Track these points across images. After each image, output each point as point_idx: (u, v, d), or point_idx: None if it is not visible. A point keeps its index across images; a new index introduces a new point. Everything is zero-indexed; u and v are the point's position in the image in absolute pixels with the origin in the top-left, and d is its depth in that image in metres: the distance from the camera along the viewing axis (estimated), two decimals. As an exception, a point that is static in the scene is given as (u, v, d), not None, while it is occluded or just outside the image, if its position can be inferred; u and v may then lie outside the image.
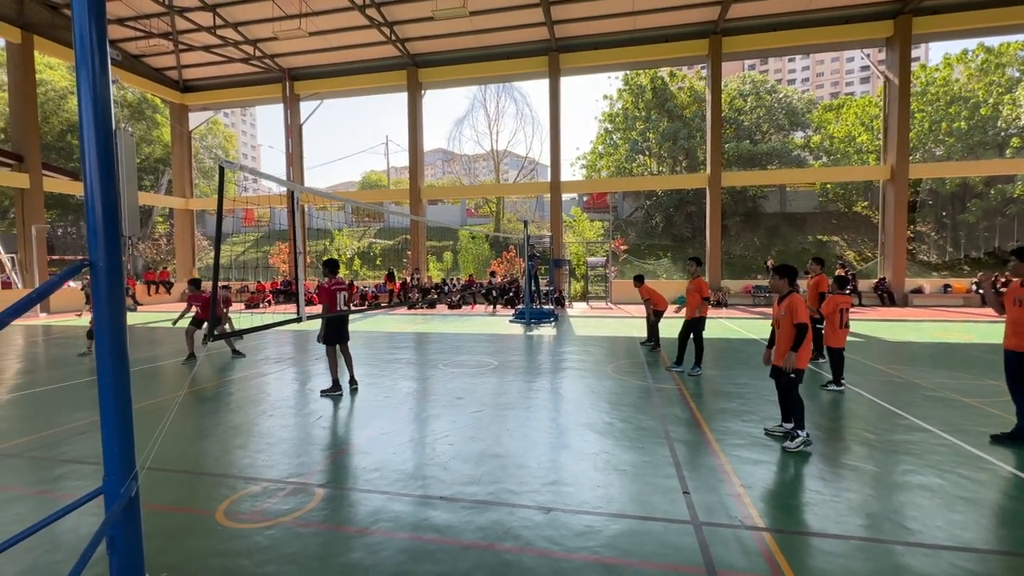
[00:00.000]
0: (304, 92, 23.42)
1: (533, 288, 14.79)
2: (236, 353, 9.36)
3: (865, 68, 75.03)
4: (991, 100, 28.91)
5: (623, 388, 6.66)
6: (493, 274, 21.48)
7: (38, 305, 17.82)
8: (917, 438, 4.68)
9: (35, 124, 18.77)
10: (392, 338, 11.73)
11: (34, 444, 4.74)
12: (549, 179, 21.99)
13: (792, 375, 4.41)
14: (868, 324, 13.39)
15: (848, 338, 10.08)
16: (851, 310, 6.74)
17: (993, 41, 29.32)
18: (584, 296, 22.13)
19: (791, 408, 4.52)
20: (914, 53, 19.90)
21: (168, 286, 23.98)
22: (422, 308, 19.26)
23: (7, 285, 19.02)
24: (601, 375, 7.45)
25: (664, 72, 33.15)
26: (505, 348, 10.05)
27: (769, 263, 23.31)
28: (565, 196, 23.42)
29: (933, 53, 70.68)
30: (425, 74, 22.09)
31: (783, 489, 3.68)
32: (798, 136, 36.44)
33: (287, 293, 21.94)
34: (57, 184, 20.51)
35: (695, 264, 8.05)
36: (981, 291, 16.29)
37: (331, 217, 38.56)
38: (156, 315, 17.36)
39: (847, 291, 6.93)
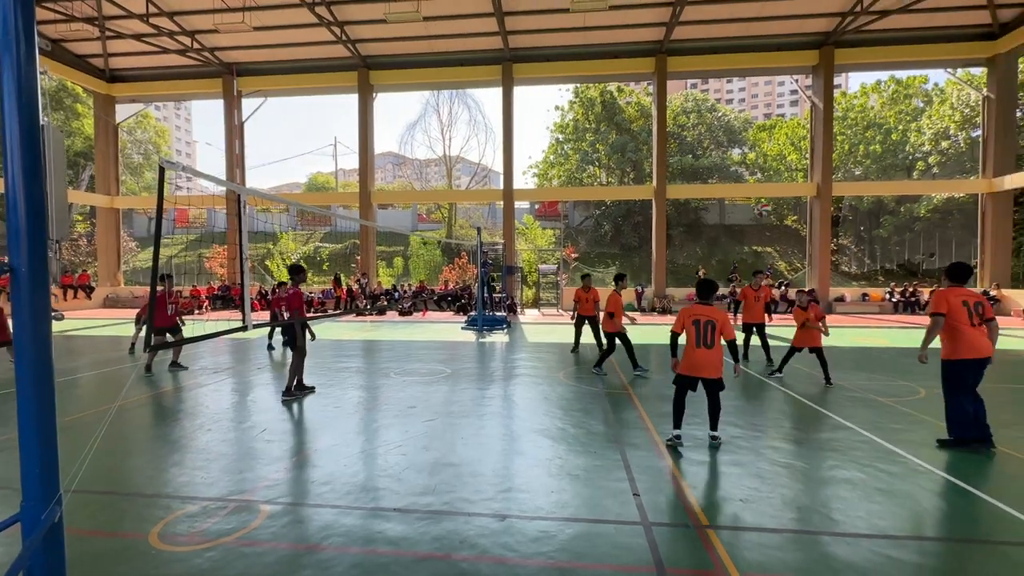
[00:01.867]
0: (247, 88, 22.40)
1: (486, 295, 14.82)
2: (176, 365, 8.68)
3: (794, 92, 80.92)
4: (900, 127, 32.02)
5: (574, 394, 6.81)
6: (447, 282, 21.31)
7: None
8: (840, 436, 5.08)
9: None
10: (340, 346, 11.39)
11: (-71, 468, 4.23)
12: (502, 186, 22.17)
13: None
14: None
15: (778, 343, 10.77)
16: (786, 316, 7.32)
17: (902, 74, 32.55)
18: (536, 303, 22.40)
19: (719, 413, 4.77)
20: (836, 81, 21.74)
21: (89, 291, 22.07)
22: (371, 315, 18.81)
23: None
24: (553, 381, 7.57)
25: (613, 87, 34.33)
26: (458, 355, 10.00)
27: (700, 273, 24.57)
28: (517, 204, 23.69)
29: (852, 82, 77.45)
30: (377, 76, 21.73)
31: (724, 488, 3.89)
32: (735, 152, 38.76)
33: (225, 299, 20.78)
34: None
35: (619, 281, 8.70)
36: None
37: (275, 219, 36.94)
38: (76, 322, 15.94)
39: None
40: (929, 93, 33.31)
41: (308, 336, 6.73)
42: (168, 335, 8.41)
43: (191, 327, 9.44)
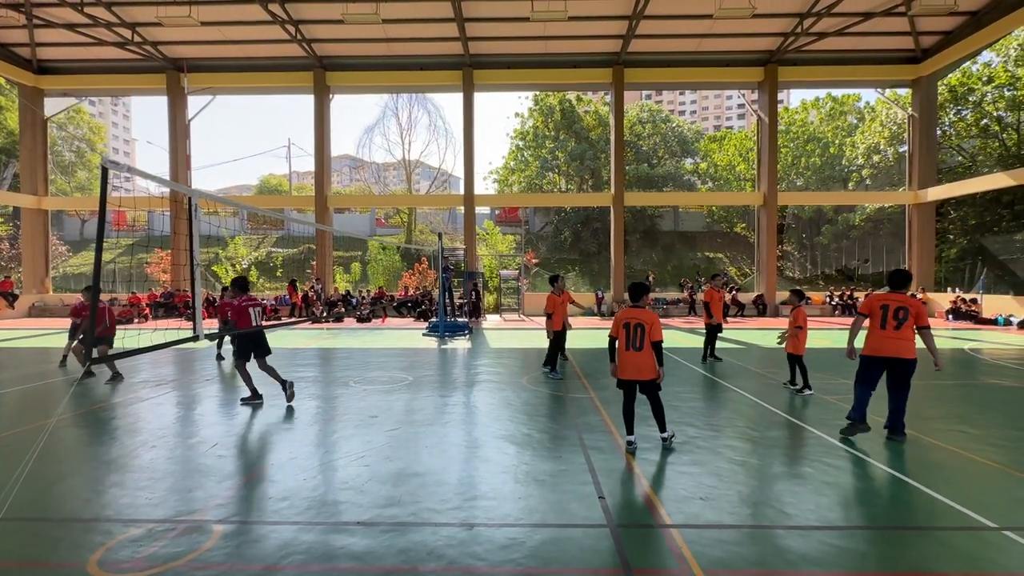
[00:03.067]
0: (194, 85, 21.34)
1: (447, 301, 14.69)
2: (116, 376, 8.11)
3: (742, 106, 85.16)
4: (837, 141, 34.27)
5: (538, 399, 6.84)
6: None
7: None
8: (792, 433, 5.35)
9: None
10: (296, 355, 10.99)
11: None
12: (462, 192, 22.11)
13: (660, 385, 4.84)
14: (748, 333, 15.04)
15: (731, 346, 11.25)
16: (736, 319, 7.59)
17: (839, 92, 34.84)
18: (497, 308, 22.41)
19: (663, 413, 4.90)
20: (780, 96, 23.07)
21: (11, 298, 20.31)
22: (328, 322, 18.26)
23: None
24: (516, 387, 7.59)
25: (572, 95, 35.00)
26: (419, 362, 9.86)
27: (650, 279, 25.41)
28: (478, 209, 23.68)
29: (794, 98, 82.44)
30: (333, 77, 21.25)
31: (685, 487, 4.00)
32: (688, 162, 40.31)
33: (168, 306, 19.64)
34: None
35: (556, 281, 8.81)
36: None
37: (224, 223, 35.28)
38: (-5, 333, 14.62)
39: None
40: (862, 111, 35.85)
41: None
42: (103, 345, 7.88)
43: (135, 336, 8.89)
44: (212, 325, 13.82)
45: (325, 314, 18.88)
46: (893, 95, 27.73)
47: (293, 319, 18.64)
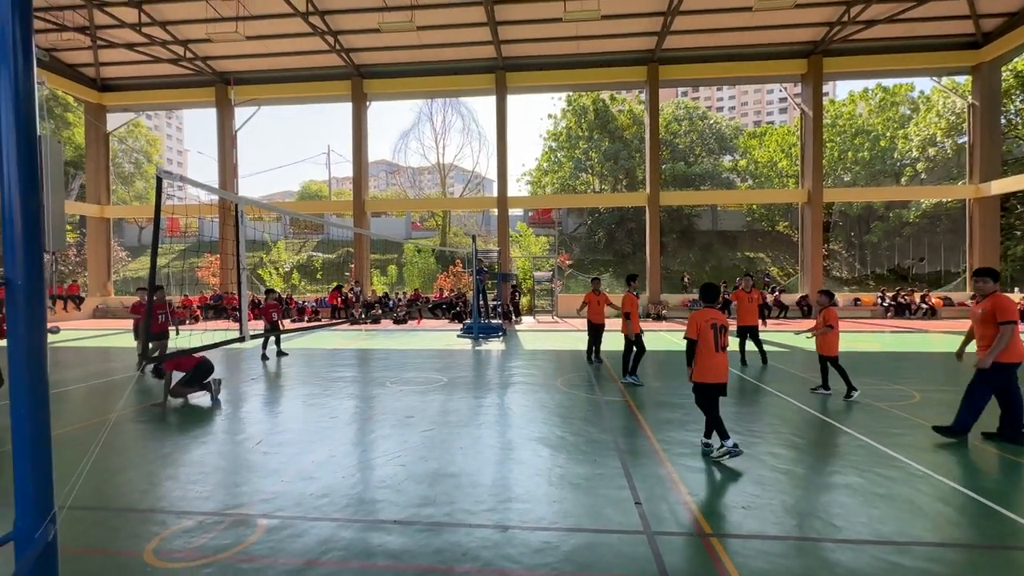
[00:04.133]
0: (240, 97, 22.34)
1: (481, 302, 14.80)
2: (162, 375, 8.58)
3: (783, 100, 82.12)
4: (888, 134, 32.51)
5: (573, 401, 6.79)
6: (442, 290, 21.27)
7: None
8: (840, 442, 5.10)
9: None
10: (335, 355, 11.31)
11: (-86, 485, 4.13)
12: (495, 194, 22.23)
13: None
14: (791, 336, 14.44)
15: (774, 349, 10.84)
16: (779, 321, 7.27)
17: (889, 82, 33.10)
18: (531, 310, 22.39)
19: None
20: (824, 89, 22.08)
21: (78, 301, 21.80)
22: (366, 323, 18.71)
23: None
24: (551, 389, 7.55)
25: (606, 95, 34.63)
26: (454, 364, 9.96)
27: (686, 280, 24.72)
28: (511, 211, 23.74)
29: (840, 90, 78.79)
30: (371, 85, 21.79)
31: (725, 495, 3.88)
32: (727, 159, 39.15)
33: (217, 308, 20.59)
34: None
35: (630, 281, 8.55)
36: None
37: (267, 228, 36.75)
38: (66, 333, 15.71)
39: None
40: (916, 101, 33.88)
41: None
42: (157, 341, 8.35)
43: (186, 338, 9.36)
44: (257, 326, 14.40)
45: (363, 316, 19.36)
46: (951, 83, 26.09)
47: (333, 320, 19.19)
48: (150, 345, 8.38)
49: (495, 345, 12.62)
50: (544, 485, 4.06)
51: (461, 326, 16.25)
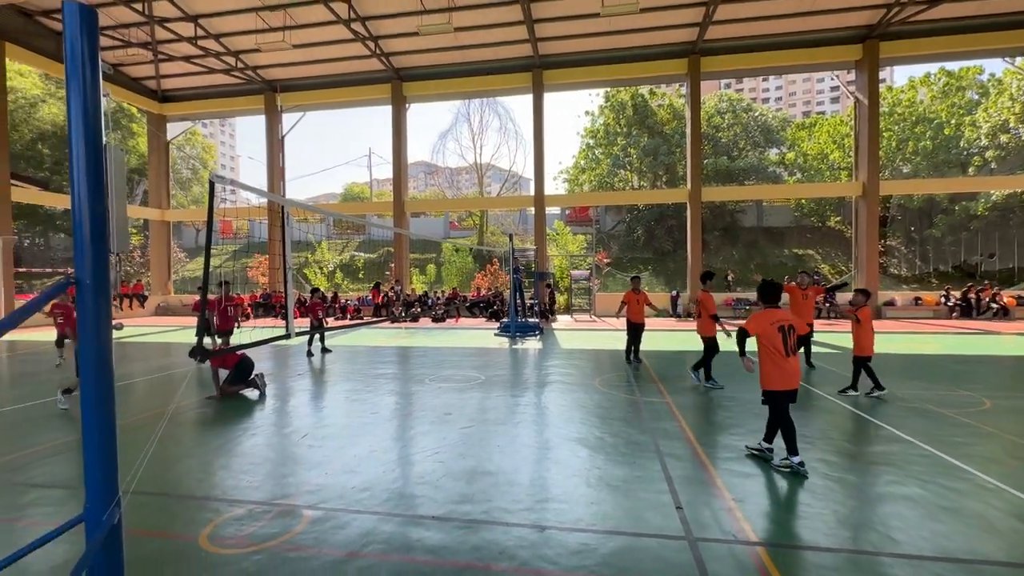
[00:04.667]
0: (287, 104, 23.25)
1: (518, 301, 14.81)
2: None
3: (835, 88, 78.09)
4: (953, 121, 30.30)
5: (611, 402, 6.68)
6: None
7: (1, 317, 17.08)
8: (897, 449, 4.79)
9: (4, 132, 18.22)
10: (376, 352, 11.59)
11: (1, 467, 4.52)
12: (532, 192, 22.19)
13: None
14: (845, 336, 13.72)
15: (824, 350, 10.34)
16: (829, 322, 6.94)
17: (954, 65, 30.84)
18: (568, 309, 22.24)
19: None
20: (881, 75, 20.82)
21: (142, 300, 23.30)
22: (406, 321, 19.10)
23: (-30, 299, 18.20)
24: (589, 389, 7.46)
25: (645, 90, 33.93)
26: (491, 362, 10.01)
27: (729, 278, 23.82)
28: (548, 210, 23.64)
29: (898, 75, 74.04)
30: (409, 88, 22.19)
31: (773, 502, 3.72)
32: (773, 153, 37.57)
33: (266, 306, 21.52)
34: (26, 194, 19.88)
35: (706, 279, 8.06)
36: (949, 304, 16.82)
37: (312, 229, 38.12)
38: (130, 330, 16.82)
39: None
40: (985, 84, 31.42)
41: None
42: (226, 337, 8.75)
43: (236, 335, 9.82)
44: (303, 324, 14.94)
45: (403, 314, 19.77)
46: (1026, 64, 24.01)
47: (374, 319, 19.70)
48: (219, 340, 8.81)
49: (532, 344, 12.61)
50: (582, 486, 4.01)
51: (498, 325, 16.33)
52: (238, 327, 9.26)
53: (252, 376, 7.27)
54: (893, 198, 30.42)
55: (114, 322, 2.41)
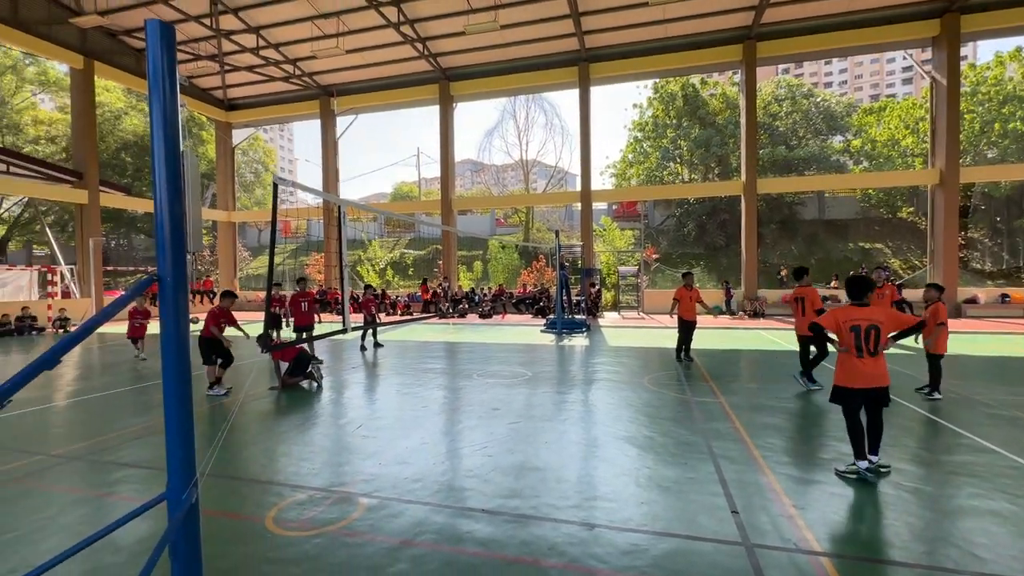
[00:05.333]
0: (341, 108, 24.17)
1: (564, 298, 14.73)
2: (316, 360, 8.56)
3: (908, 69, 72.36)
4: (1049, 99, 27.33)
5: (661, 401, 6.53)
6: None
7: (93, 312, 18.82)
8: (982, 459, 4.40)
9: (94, 144, 20.00)
10: (425, 348, 11.87)
11: (93, 448, 4.99)
12: (578, 188, 21.98)
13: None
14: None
15: (895, 351, 9.66)
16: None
17: (1050, 37, 27.73)
18: (615, 306, 21.89)
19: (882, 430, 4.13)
20: (962, 51, 19.08)
21: (211, 296, 24.97)
22: (453, 317, 19.44)
23: (67, 294, 20.19)
24: (637, 387, 7.32)
25: (695, 79, 32.76)
26: (538, 358, 10.02)
27: (783, 274, 22.57)
28: (595, 205, 23.35)
29: (982, 51, 67.46)
30: (456, 87, 22.49)
31: (838, 511, 3.51)
32: (837, 140, 35.28)
33: (322, 303, 22.49)
34: (112, 199, 21.73)
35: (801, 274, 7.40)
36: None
37: (364, 228, 39.47)
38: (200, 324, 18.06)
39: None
40: (1088, 56, 28.12)
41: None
42: (305, 333, 9.11)
43: (317, 330, 10.23)
44: (356, 319, 15.52)
45: (450, 310, 20.13)
46: None
47: (424, 315, 20.18)
48: (302, 335, 9.18)
49: (579, 341, 12.51)
50: (631, 485, 3.95)
51: (544, 321, 16.30)
52: (319, 321, 9.67)
53: (309, 368, 7.62)
54: (976, 186, 27.85)
55: (191, 316, 2.59)
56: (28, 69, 32.45)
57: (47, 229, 24.71)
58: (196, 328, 6.53)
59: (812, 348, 7.08)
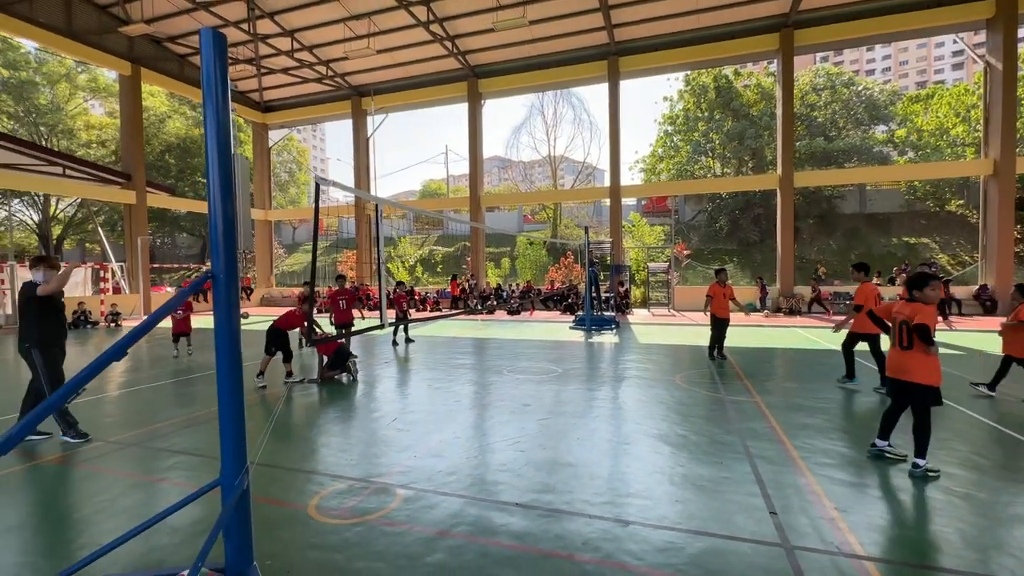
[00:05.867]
0: (371, 107, 24.59)
1: (594, 294, 14.64)
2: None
3: (958, 53, 68.56)
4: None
5: (694, 399, 6.44)
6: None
7: (142, 307, 19.79)
8: (1040, 465, 4.18)
9: (141, 147, 20.97)
10: (455, 343, 12.01)
11: (146, 436, 5.27)
12: (606, 184, 21.76)
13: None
14: (969, 336, 12.13)
15: (946, 352, 9.23)
16: (952, 319, 6.21)
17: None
18: (645, 303, 21.62)
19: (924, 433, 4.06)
20: (1020, 33, 17.95)
21: (249, 292, 25.88)
22: (481, 313, 19.58)
23: (117, 290, 21.29)
24: (669, 385, 7.24)
25: (728, 70, 31.90)
26: (567, 355, 10.01)
27: (820, 272, 21.78)
28: (624, 200, 23.05)
29: (1042, 32, 63.14)
30: (485, 84, 22.56)
31: (883, 515, 3.41)
32: (879, 130, 33.75)
33: (358, 298, 23.00)
34: (157, 199, 22.74)
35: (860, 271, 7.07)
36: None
37: (394, 225, 40.12)
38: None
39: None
40: None
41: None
42: (344, 330, 9.33)
43: (331, 325, 10.53)
44: (388, 315, 15.80)
45: (478, 306, 20.29)
46: None
47: (453, 311, 20.41)
48: (342, 332, 9.41)
49: (608, 338, 12.43)
50: (665, 483, 3.93)
51: (573, 318, 16.25)
52: (362, 318, 9.94)
53: (348, 363, 7.84)
54: (1034, 176, 26.20)
55: (241, 311, 2.72)
56: (80, 77, 34.26)
57: (99, 228, 26.08)
58: (246, 322, 6.86)
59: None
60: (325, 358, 7.79)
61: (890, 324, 4.34)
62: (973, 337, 11.76)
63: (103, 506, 3.69)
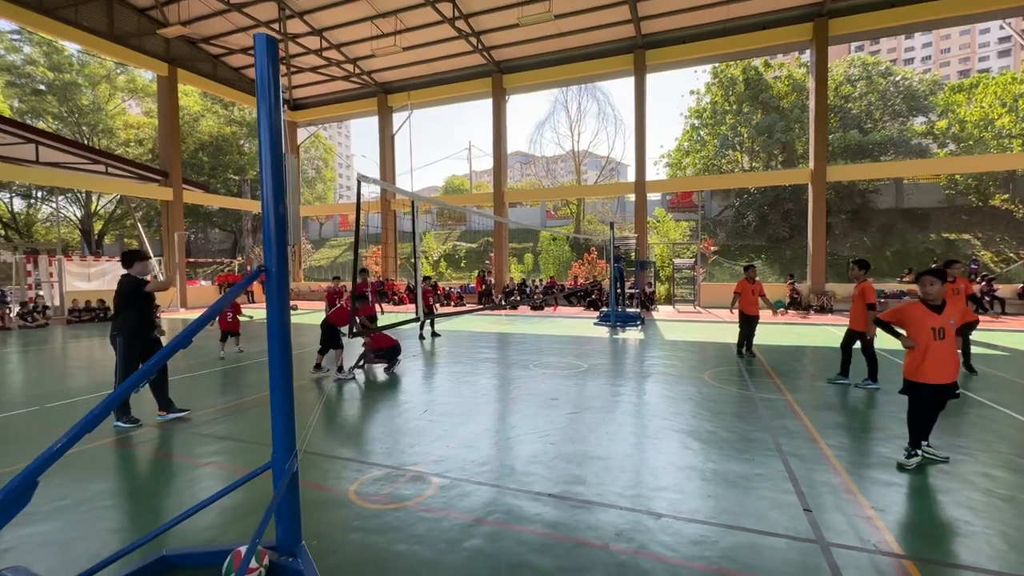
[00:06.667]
0: (397, 104, 24.88)
1: (618, 290, 14.58)
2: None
3: (1004, 39, 65.35)
4: None
5: (723, 396, 6.40)
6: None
7: (179, 300, 20.53)
8: (1090, 470, 4.04)
9: (178, 145, 21.70)
10: (480, 338, 12.14)
11: (192, 423, 5.53)
12: (630, 179, 21.55)
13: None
14: (1014, 336, 11.67)
15: (985, 351, 8.94)
16: (988, 318, 5.97)
17: None
18: (670, 299, 21.39)
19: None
20: (1074, 19, 17.03)
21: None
22: (504, 309, 19.69)
23: (154, 284, 22.08)
24: (697, 381, 7.20)
25: (758, 61, 31.14)
26: (592, 351, 10.02)
27: (853, 272, 21.15)
28: (649, 196, 22.78)
29: (1098, 16, 59.44)
30: (509, 80, 22.56)
31: (922, 515, 3.36)
32: (918, 122, 32.52)
33: (381, 293, 23.39)
34: (193, 196, 23.51)
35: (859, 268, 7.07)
36: None
37: (418, 220, 40.58)
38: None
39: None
40: None
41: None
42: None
43: (381, 320, 10.74)
44: (411, 310, 16.05)
45: (502, 301, 20.39)
46: None
47: (477, 306, 20.57)
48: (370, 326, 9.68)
49: (633, 334, 12.38)
50: (695, 478, 3.95)
51: (597, 314, 16.21)
52: (382, 312, 10.22)
53: (397, 359, 8.14)
54: (1086, 169, 24.91)
55: (291, 303, 2.85)
56: (119, 78, 35.58)
57: (138, 224, 27.11)
58: (295, 314, 7.16)
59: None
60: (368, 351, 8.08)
61: (901, 328, 4.22)
62: (1018, 337, 11.30)
63: (159, 488, 3.91)
